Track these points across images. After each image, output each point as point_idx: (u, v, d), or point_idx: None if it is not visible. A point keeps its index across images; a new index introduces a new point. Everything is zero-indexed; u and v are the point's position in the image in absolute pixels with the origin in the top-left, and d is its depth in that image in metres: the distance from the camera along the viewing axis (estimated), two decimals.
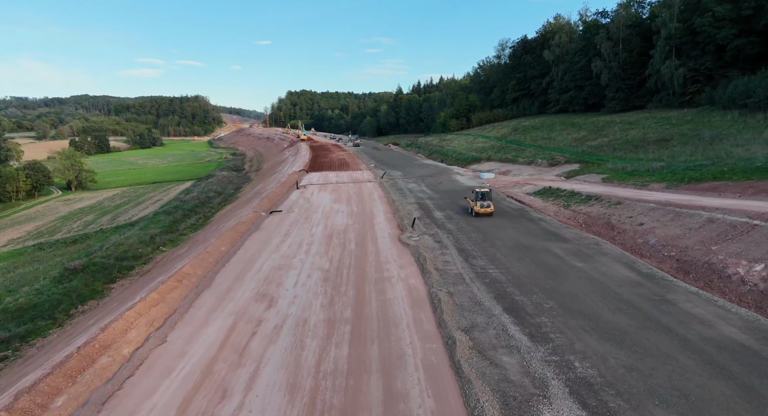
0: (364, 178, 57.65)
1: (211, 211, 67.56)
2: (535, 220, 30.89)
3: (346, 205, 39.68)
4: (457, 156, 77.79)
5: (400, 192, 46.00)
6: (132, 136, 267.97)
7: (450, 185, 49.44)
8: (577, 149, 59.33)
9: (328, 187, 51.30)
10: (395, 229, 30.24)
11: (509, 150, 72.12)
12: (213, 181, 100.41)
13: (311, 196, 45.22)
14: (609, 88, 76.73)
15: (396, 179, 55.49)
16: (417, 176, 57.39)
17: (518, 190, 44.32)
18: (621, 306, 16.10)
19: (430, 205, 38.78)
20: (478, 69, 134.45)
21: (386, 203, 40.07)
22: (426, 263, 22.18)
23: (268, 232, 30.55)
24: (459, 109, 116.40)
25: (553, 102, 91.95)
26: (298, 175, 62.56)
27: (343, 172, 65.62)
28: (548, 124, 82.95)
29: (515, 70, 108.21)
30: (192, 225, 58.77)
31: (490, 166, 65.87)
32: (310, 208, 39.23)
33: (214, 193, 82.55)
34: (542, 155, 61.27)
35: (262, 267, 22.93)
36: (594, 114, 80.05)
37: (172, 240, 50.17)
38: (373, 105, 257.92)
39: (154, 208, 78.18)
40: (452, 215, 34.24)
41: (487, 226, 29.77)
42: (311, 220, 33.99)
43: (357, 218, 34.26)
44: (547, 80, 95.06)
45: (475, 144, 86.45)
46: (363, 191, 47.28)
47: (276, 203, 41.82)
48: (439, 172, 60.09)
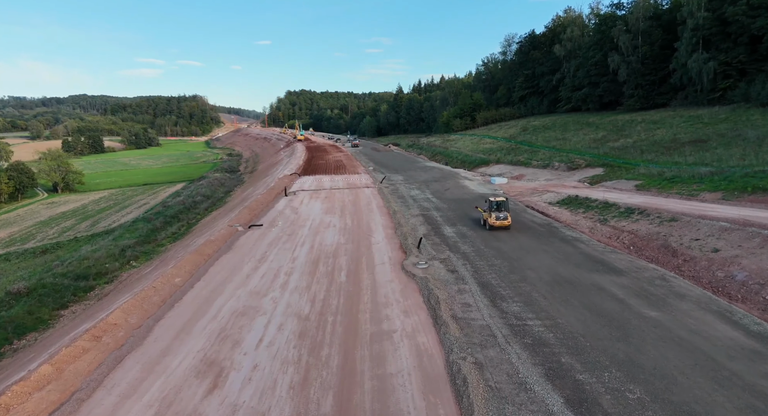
0: (362, 182, 51.89)
1: (196, 218, 61.98)
2: (570, 240, 25.11)
3: (339, 218, 33.91)
4: (463, 158, 72.01)
5: (402, 200, 40.24)
6: (127, 136, 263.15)
7: (458, 192, 43.67)
8: (597, 151, 53.53)
9: (321, 193, 45.55)
10: (397, 251, 24.47)
11: (520, 151, 66.33)
12: (204, 183, 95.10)
13: (300, 206, 39.44)
14: (627, 85, 70.94)
15: (397, 184, 49.75)
16: (420, 181, 51.65)
17: (538, 198, 38.54)
18: (754, 403, 10.33)
19: (437, 217, 33.00)
20: (482, 66, 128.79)
21: (386, 215, 34.31)
22: (439, 307, 16.43)
23: (241, 255, 24.78)
24: (463, 107, 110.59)
25: (565, 100, 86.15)
26: (289, 179, 56.80)
27: (339, 175, 59.86)
28: (560, 123, 77.16)
29: (522, 67, 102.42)
30: (173, 234, 53.15)
31: (500, 169, 60.07)
32: (296, 220, 33.45)
33: (202, 197, 76.97)
34: (558, 157, 55.50)
35: (220, 311, 17.14)
36: (611, 113, 74.29)
37: (147, 252, 44.53)
38: (372, 104, 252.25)
39: (139, 213, 72.66)
40: (465, 232, 28.43)
41: (511, 249, 23.97)
42: (296, 238, 28.22)
43: (351, 235, 28.49)
44: (557, 77, 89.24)
45: (481, 145, 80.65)
46: (360, 199, 41.53)
47: (258, 214, 36.03)
48: (444, 177, 54.35)
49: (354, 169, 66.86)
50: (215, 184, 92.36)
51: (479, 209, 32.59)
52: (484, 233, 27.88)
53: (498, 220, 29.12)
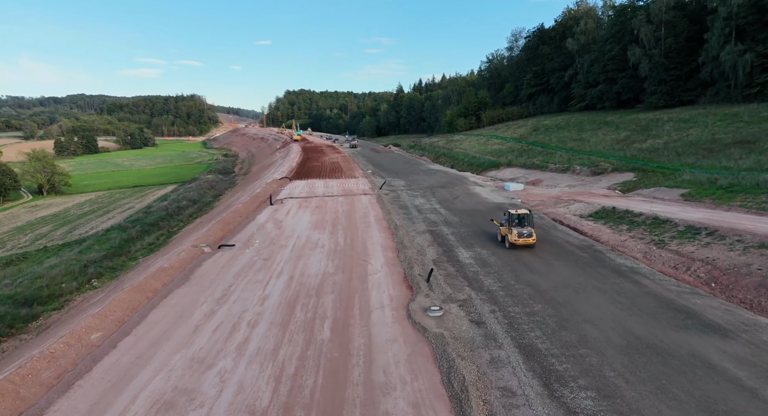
0: (359, 188, 46.09)
1: (179, 226, 56.33)
2: (625, 272, 19.27)
3: (329, 234, 28.08)
4: (470, 160, 66.20)
5: (405, 211, 34.41)
6: (122, 136, 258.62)
7: (469, 201, 37.86)
8: (623, 153, 47.74)
9: (312, 202, 39.72)
10: (400, 286, 18.67)
11: (533, 153, 60.53)
12: (193, 186, 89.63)
13: (285, 217, 33.60)
14: (649, 81, 65.12)
15: (398, 191, 43.94)
16: (424, 187, 45.84)
17: (564, 209, 32.72)
18: None
19: (447, 234, 27.18)
20: (487, 63, 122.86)
21: (386, 230, 28.49)
22: (468, 397, 10.64)
23: (197, 291, 18.95)
24: (467, 106, 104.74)
25: (578, 98, 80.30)
26: (277, 184, 50.97)
27: (334, 179, 54.04)
28: (574, 122, 71.37)
29: (531, 63, 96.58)
30: (149, 245, 47.57)
31: (513, 173, 54.30)
32: (278, 238, 27.61)
33: (188, 201, 71.27)
34: (579, 160, 49.70)
35: (133, 404, 11.32)
36: (630, 111, 68.50)
37: (115, 268, 38.88)
38: (372, 104, 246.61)
39: (121, 218, 67.07)
40: (486, 257, 22.58)
41: (552, 285, 18.12)
42: (272, 264, 22.39)
43: (342, 260, 22.67)
44: (569, 73, 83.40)
45: (489, 146, 74.84)
46: (356, 209, 35.72)
47: (233, 229, 30.18)
48: (451, 181, 48.56)
49: (351, 172, 61.05)
50: (205, 187, 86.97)
51: (495, 222, 27.17)
52: (510, 258, 22.04)
53: (521, 238, 23.69)
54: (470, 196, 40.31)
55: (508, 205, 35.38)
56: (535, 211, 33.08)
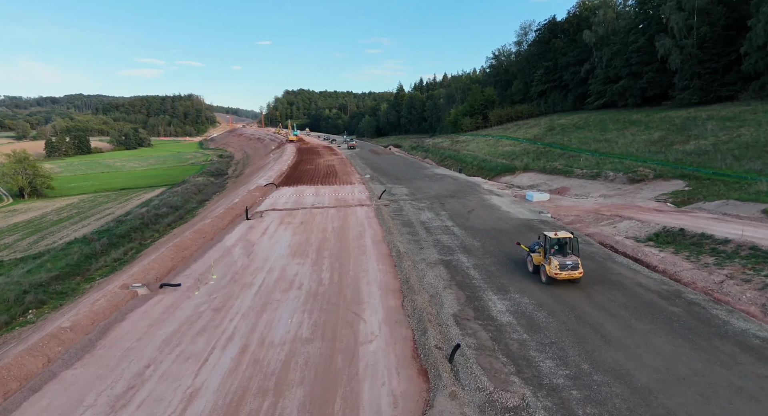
0: (355, 198, 39.31)
1: (153, 237, 49.63)
2: (759, 349, 12.49)
3: (311, 266, 21.29)
4: (480, 163, 59.38)
5: (410, 230, 27.61)
6: (116, 137, 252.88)
7: (487, 215, 31.04)
8: (663, 156, 41.00)
9: (297, 215, 32.93)
10: (409, 371, 11.89)
11: (552, 156, 53.74)
12: (179, 190, 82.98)
13: (261, 238, 26.81)
14: (680, 75, 58.28)
15: (401, 201, 37.14)
16: (431, 196, 39.05)
17: (611, 228, 25.92)
18: None
19: (468, 267, 20.38)
20: (493, 59, 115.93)
21: (387, 260, 21.71)
22: None
23: (89, 379, 12.12)
24: (473, 104, 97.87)
25: (596, 94, 73.41)
26: (261, 191, 44.18)
27: (327, 186, 47.25)
28: (594, 121, 64.58)
29: (542, 58, 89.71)
30: (114, 261, 40.98)
31: (531, 178, 47.48)
32: (243, 271, 20.82)
33: (168, 208, 64.61)
34: (610, 164, 42.90)
35: None
36: (658, 108, 61.66)
37: (65, 292, 32.42)
38: (372, 104, 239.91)
39: (98, 225, 60.61)
40: (531, 311, 15.67)
41: (657, 378, 11.25)
42: (223, 320, 15.60)
43: (324, 313, 15.91)
44: (586, 68, 76.54)
45: (499, 147, 68.04)
46: (349, 226, 28.93)
47: (189, 257, 23.37)
48: (461, 189, 41.78)
49: (347, 177, 54.29)
50: (191, 192, 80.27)
51: (523, 247, 20.84)
52: (567, 314, 15.14)
53: (564, 271, 17.59)
54: (487, 208, 33.49)
55: (537, 222, 28.55)
56: (569, 228, 26.32)
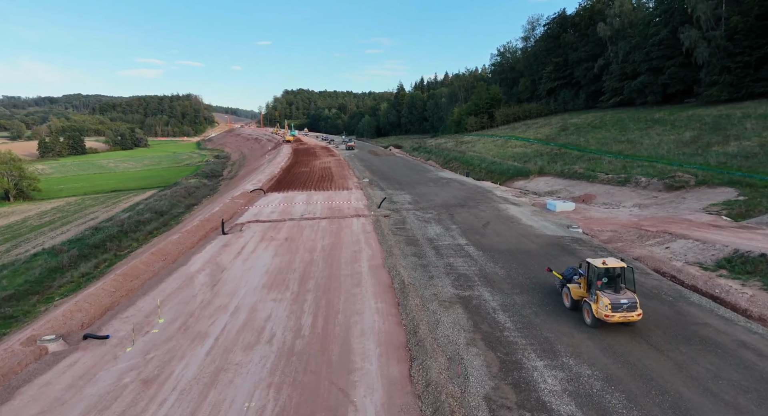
0: (351, 206, 34.43)
1: (131, 246, 44.85)
2: None
3: (290, 305, 16.44)
4: (489, 166, 54.43)
5: (416, 250, 22.73)
6: (112, 137, 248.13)
7: (506, 230, 26.16)
8: (702, 159, 36.12)
9: (283, 229, 28.07)
10: None
11: (569, 158, 48.85)
12: (167, 193, 78.32)
13: (234, 261, 21.94)
14: (708, 69, 53.36)
15: (403, 210, 32.24)
16: (437, 204, 34.15)
17: (662, 250, 21.05)
18: None
19: (495, 309, 15.49)
20: (498, 56, 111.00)
21: (387, 295, 16.88)
22: None
23: None
24: (478, 103, 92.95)
25: (611, 91, 68.49)
26: (246, 198, 39.31)
27: (321, 192, 42.41)
28: (612, 120, 59.67)
29: (551, 54, 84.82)
30: (82, 276, 36.07)
31: (548, 183, 42.57)
32: (200, 312, 15.95)
33: (152, 214, 59.77)
34: (638, 168, 37.99)
35: None
36: (682, 106, 56.76)
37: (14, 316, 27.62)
38: (372, 103, 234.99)
39: (78, 231, 55.90)
40: (600, 393, 10.78)
41: None
42: (150, 402, 10.77)
43: (299, 389, 11.03)
44: (599, 63, 71.63)
45: (508, 148, 63.15)
46: (342, 244, 24.07)
47: (138, 288, 18.53)
48: (471, 196, 36.91)
49: (343, 181, 49.47)
50: (181, 195, 75.50)
51: (556, 274, 16.68)
52: (658, 398, 10.28)
53: (618, 312, 13.55)
54: (505, 221, 28.59)
55: (569, 240, 23.63)
56: (612, 250, 21.41)
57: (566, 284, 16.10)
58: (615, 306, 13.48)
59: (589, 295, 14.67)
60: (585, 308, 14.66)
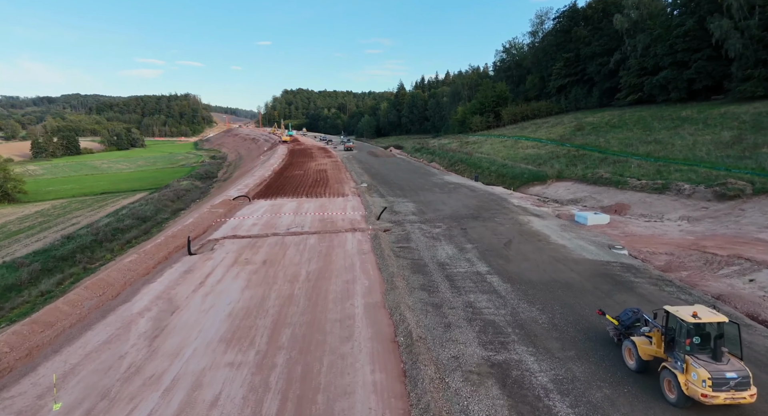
0: (346, 217, 29.57)
1: (104, 258, 40.06)
2: None
3: (250, 377, 11.53)
4: (500, 169, 49.54)
5: (424, 279, 17.84)
6: (108, 137, 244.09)
7: (533, 250, 21.29)
8: (753, 163, 31.23)
9: (263, 248, 23.22)
10: None
11: (590, 161, 43.97)
12: (155, 197, 73.99)
13: (191, 297, 17.08)
14: (740, 62, 48.52)
15: (407, 223, 27.37)
16: (446, 215, 29.29)
17: (740, 282, 16.21)
18: None
19: (546, 387, 10.61)
20: (503, 53, 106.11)
21: (389, 357, 12.04)
22: None
23: None
24: (483, 101, 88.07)
25: (628, 88, 63.62)
26: (227, 207, 34.40)
27: (314, 199, 37.55)
28: (632, 119, 54.82)
29: (562, 49, 79.97)
30: (41, 295, 31.49)
31: (569, 189, 37.69)
32: (119, 391, 10.99)
33: (134, 220, 55.11)
34: (676, 174, 33.13)
35: None
36: (710, 103, 51.91)
37: None
38: (372, 103, 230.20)
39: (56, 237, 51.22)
40: None
41: None
42: None
43: None
44: (615, 58, 66.78)
45: (519, 149, 58.29)
46: (332, 273, 19.18)
47: (55, 339, 13.74)
48: (484, 205, 32.05)
49: (339, 185, 44.64)
50: (169, 198, 70.81)
51: (609, 318, 12.08)
52: None
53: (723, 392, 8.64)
54: (530, 237, 23.72)
55: (618, 268, 18.72)
56: (677, 282, 16.53)
57: (627, 334, 11.51)
58: (718, 381, 8.69)
59: (671, 359, 9.95)
60: (665, 378, 9.94)
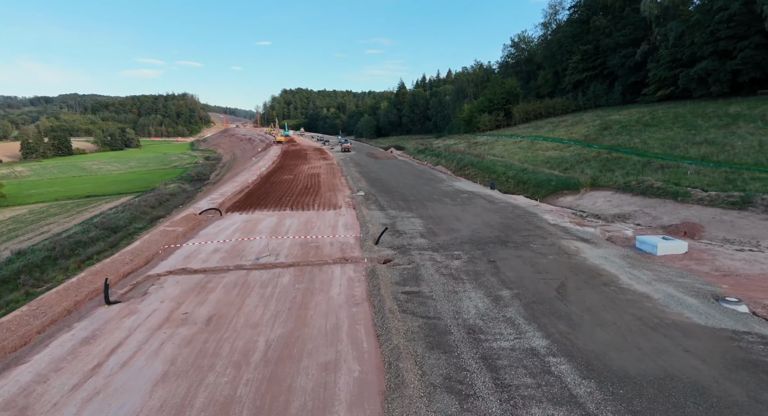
0: (336, 240, 22.76)
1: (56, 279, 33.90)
2: None
3: None
4: (518, 175, 42.64)
5: (448, 363, 10.74)
6: (101, 137, 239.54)
7: (604, 305, 14.46)
8: None
9: (215, 291, 16.42)
10: None
11: (628, 165, 37.14)
12: (134, 202, 68.17)
13: (65, 401, 10.35)
14: None
15: (414, 251, 20.54)
16: (465, 238, 22.47)
17: None
18: None
19: None
20: (512, 47, 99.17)
21: None
22: None
23: None
24: (492, 99, 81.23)
25: (658, 82, 56.80)
26: (190, 224, 27.55)
27: (300, 213, 30.76)
28: (669, 117, 48.01)
29: (578, 41, 73.16)
30: None
31: (610, 201, 30.85)
32: None
33: (102, 231, 49.02)
34: (756, 184, 26.34)
35: None
36: (758, 99, 45.12)
37: None
38: (371, 102, 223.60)
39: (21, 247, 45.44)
40: None
41: None
42: None
43: None
44: (643, 49, 59.97)
45: (538, 152, 51.48)
46: (305, 346, 12.16)
47: None
48: (510, 222, 25.28)
49: (332, 194, 37.89)
50: (150, 204, 64.70)
51: None
52: None
53: None
54: (588, 278, 16.92)
55: (755, 341, 11.95)
56: None
57: None
58: None
59: None
60: None
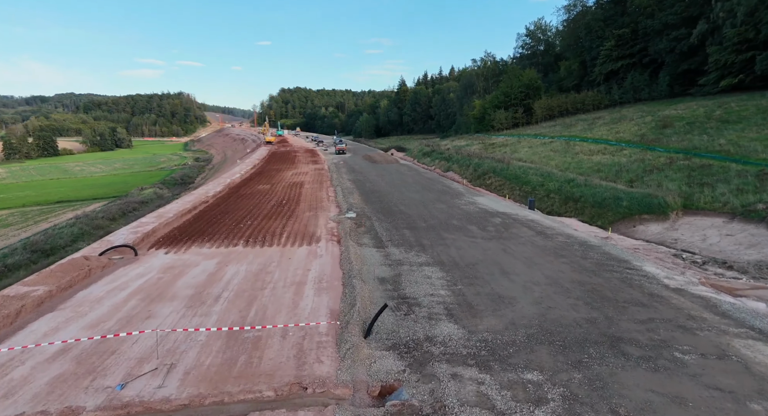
0: (293, 330, 12.01)
1: None
2: None
3: None
4: (564, 188, 31.82)
5: None
6: (90, 137, 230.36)
7: None
8: None
9: None
10: None
11: (731, 177, 26.48)
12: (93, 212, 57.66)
13: None
14: None
15: (436, 362, 9.56)
16: (530, 329, 11.79)
17: None
18: None
19: None
20: (526, 36, 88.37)
21: None
22: None
23: None
24: (509, 93, 70.43)
25: (721, 69, 46.13)
26: (67, 279, 16.95)
27: (255, 251, 19.94)
28: (751, 111, 37.34)
29: (612, 24, 62.47)
30: None
31: (729, 233, 20.23)
32: None
33: (33, 253, 38.22)
34: None
35: None
36: None
37: None
38: (371, 101, 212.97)
39: None
40: None
41: None
42: None
43: None
44: (700, 29, 49.25)
45: (580, 155, 40.78)
46: None
47: None
48: (600, 287, 14.62)
49: (312, 215, 27.13)
50: (110, 216, 54.11)
51: None
52: None
53: None
54: None
55: None
56: None
57: None
58: None
59: None
60: None
